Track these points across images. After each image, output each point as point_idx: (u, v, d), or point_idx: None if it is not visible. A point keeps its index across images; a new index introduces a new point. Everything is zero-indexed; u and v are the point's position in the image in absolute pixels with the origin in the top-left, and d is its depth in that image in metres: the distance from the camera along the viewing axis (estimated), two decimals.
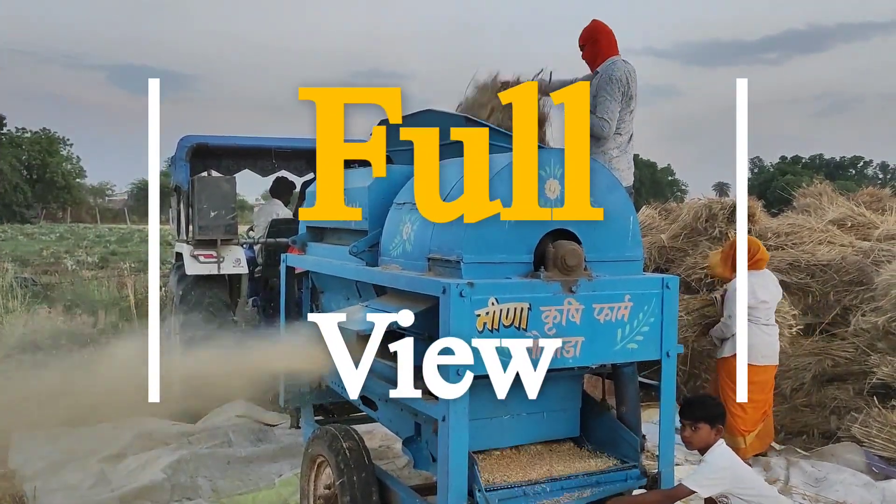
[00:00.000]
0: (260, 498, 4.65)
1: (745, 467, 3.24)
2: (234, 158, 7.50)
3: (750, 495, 3.11)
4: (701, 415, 3.28)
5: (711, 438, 3.22)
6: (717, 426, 3.22)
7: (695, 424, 3.28)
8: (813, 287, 6.30)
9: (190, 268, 6.24)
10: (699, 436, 3.25)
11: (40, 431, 5.54)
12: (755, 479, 3.21)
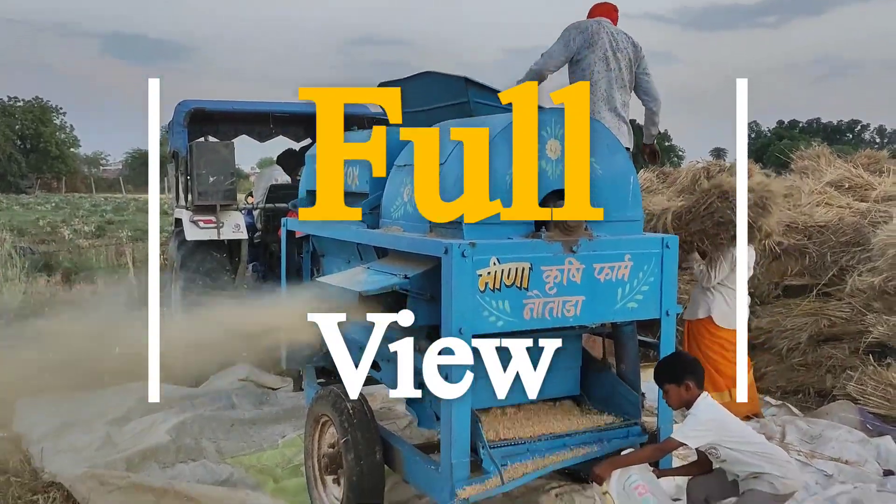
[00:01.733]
0: (264, 458, 4.71)
1: (731, 418, 3.29)
2: (232, 124, 7.48)
3: (738, 444, 3.15)
4: (663, 378, 3.33)
5: (685, 395, 3.25)
6: (683, 383, 3.25)
7: (663, 388, 3.33)
8: (810, 248, 6.32)
9: (189, 233, 6.24)
10: (672, 397, 3.30)
11: (43, 397, 5.58)
12: (743, 428, 3.26)
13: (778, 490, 3.13)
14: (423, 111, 4.23)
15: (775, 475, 3.12)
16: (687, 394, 3.25)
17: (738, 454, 3.16)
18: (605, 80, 5.24)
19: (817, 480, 4.42)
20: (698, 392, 3.25)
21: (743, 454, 3.15)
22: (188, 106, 6.65)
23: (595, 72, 5.31)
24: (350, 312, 3.84)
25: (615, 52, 5.26)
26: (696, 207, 5.14)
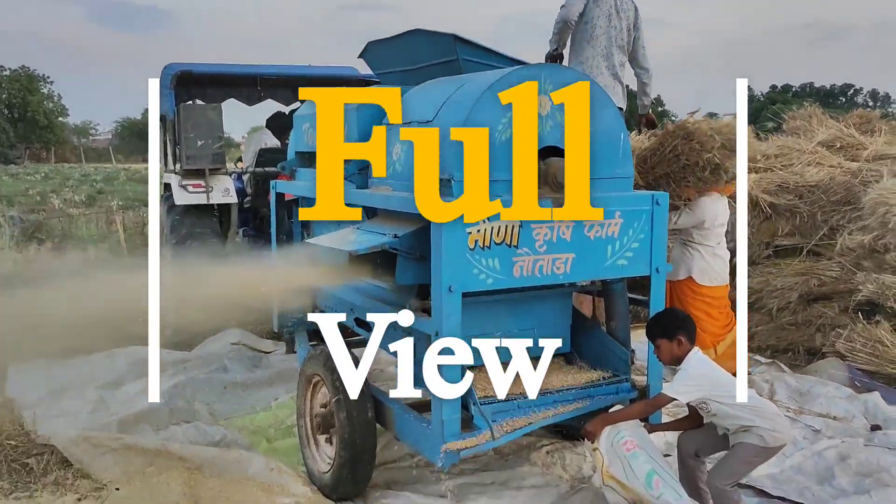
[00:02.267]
0: (257, 420, 4.73)
1: (721, 372, 3.30)
2: (220, 87, 7.41)
3: (728, 398, 3.18)
4: (655, 333, 3.34)
5: (676, 350, 3.26)
6: (675, 338, 3.26)
7: (654, 342, 3.34)
8: (801, 208, 6.34)
9: (179, 198, 6.20)
10: (662, 351, 3.31)
11: (35, 363, 5.58)
12: (733, 382, 3.28)
13: (767, 443, 3.16)
14: (411, 70, 4.20)
15: (765, 428, 3.15)
16: (678, 349, 3.26)
17: (727, 408, 3.18)
18: (606, 37, 5.25)
19: (805, 436, 4.47)
20: (689, 347, 3.26)
21: (732, 408, 3.18)
22: (175, 69, 6.57)
23: (597, 27, 5.37)
24: (340, 273, 3.85)
25: (618, 12, 5.31)
26: (662, 150, 5.04)
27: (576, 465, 4.04)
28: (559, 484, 3.82)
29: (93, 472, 3.89)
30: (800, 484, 3.89)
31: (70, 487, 3.78)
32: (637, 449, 3.15)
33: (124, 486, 3.73)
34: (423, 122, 3.41)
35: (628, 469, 3.08)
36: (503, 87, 3.16)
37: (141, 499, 3.61)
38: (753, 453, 3.19)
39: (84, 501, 3.64)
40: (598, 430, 3.25)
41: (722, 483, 3.18)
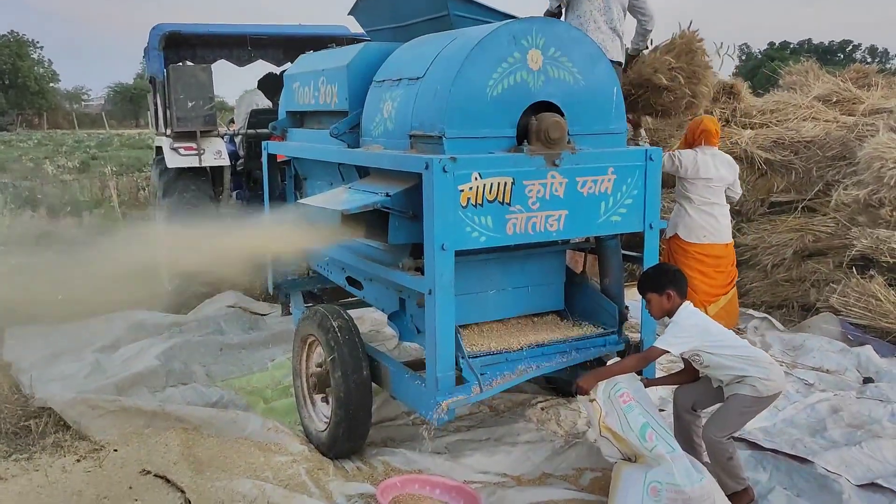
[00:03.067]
0: (254, 381, 4.76)
1: (712, 323, 3.31)
2: (209, 48, 7.31)
3: (720, 349, 3.19)
4: (645, 287, 3.35)
5: (666, 304, 3.27)
6: (665, 292, 3.26)
7: (645, 297, 3.35)
8: (796, 164, 6.31)
9: (170, 161, 6.15)
10: (653, 306, 3.32)
11: (32, 327, 5.60)
12: (724, 332, 3.28)
13: (761, 392, 3.18)
14: (402, 27, 4.14)
15: (758, 377, 3.17)
16: (668, 303, 3.27)
17: (720, 359, 3.20)
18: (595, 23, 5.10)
19: (798, 389, 4.51)
20: (680, 301, 3.27)
21: (725, 358, 3.19)
22: (163, 29, 6.46)
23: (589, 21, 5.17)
24: (334, 233, 3.83)
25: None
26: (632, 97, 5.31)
27: (570, 421, 4.08)
28: (553, 439, 3.86)
29: (91, 434, 3.92)
30: (792, 436, 3.93)
31: (69, 449, 3.81)
32: (632, 401, 3.17)
33: (122, 447, 3.76)
34: (413, 78, 3.37)
35: (623, 421, 3.10)
36: (493, 41, 3.12)
37: (139, 459, 3.63)
38: (748, 403, 3.21)
39: (83, 462, 3.66)
40: (590, 385, 3.26)
41: (717, 435, 3.21)
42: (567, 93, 3.30)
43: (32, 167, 19.19)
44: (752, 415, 3.30)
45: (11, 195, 11.28)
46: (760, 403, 3.24)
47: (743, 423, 3.33)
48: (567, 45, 3.28)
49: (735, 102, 6.92)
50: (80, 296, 5.31)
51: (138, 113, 48.75)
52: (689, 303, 3.31)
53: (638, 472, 3.04)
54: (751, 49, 69.22)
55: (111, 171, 16.16)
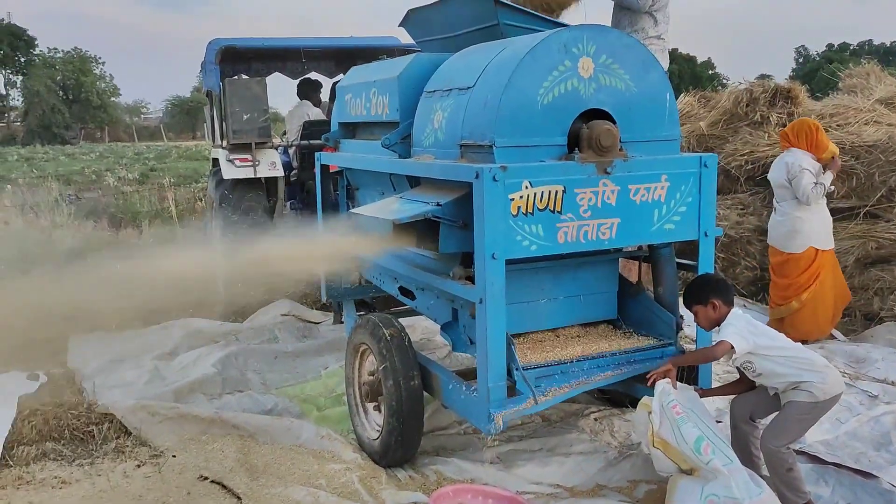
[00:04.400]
0: (307, 389, 4.82)
1: (764, 326, 3.25)
2: (264, 61, 7.48)
3: (773, 351, 3.10)
4: (690, 301, 3.29)
5: (713, 314, 3.22)
6: (709, 302, 3.21)
7: (692, 311, 3.29)
8: (857, 169, 6.12)
9: (226, 172, 6.29)
10: (701, 318, 3.28)
11: (94, 335, 5.76)
12: (777, 335, 3.21)
13: (817, 397, 3.09)
14: (452, 37, 4.16)
15: (814, 382, 3.08)
16: (715, 313, 3.21)
17: (773, 364, 3.12)
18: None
19: (861, 401, 4.37)
20: (727, 309, 3.20)
21: (778, 363, 3.11)
22: (219, 44, 6.62)
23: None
24: (385, 242, 3.87)
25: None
26: None
27: (624, 432, 4.02)
28: (607, 450, 3.82)
29: (151, 440, 4.01)
30: (855, 450, 3.81)
31: (130, 454, 3.91)
32: (685, 413, 3.11)
33: (181, 453, 3.84)
34: (463, 88, 3.38)
35: (677, 433, 3.04)
36: (544, 50, 3.11)
37: (197, 465, 3.71)
38: (806, 410, 3.12)
39: (143, 468, 3.76)
40: (661, 375, 3.21)
41: (775, 444, 3.13)
42: (619, 100, 3.27)
43: (95, 179, 19.81)
44: (810, 421, 3.20)
45: (75, 207, 11.65)
46: (818, 409, 3.14)
47: (802, 430, 3.24)
48: (619, 53, 3.25)
49: (792, 107, 6.78)
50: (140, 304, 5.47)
51: (195, 125, 49.95)
52: (738, 309, 3.24)
53: (695, 486, 2.98)
54: (808, 51, 67.74)
55: (169, 182, 16.59)
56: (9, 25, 57.90)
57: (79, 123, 56.08)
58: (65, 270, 6.68)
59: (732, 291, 3.31)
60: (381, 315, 3.91)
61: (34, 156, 32.56)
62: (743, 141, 6.75)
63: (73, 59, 58.94)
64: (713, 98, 7.76)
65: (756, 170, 6.58)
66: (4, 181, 18.87)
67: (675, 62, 5.34)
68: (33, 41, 58.94)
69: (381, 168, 4.02)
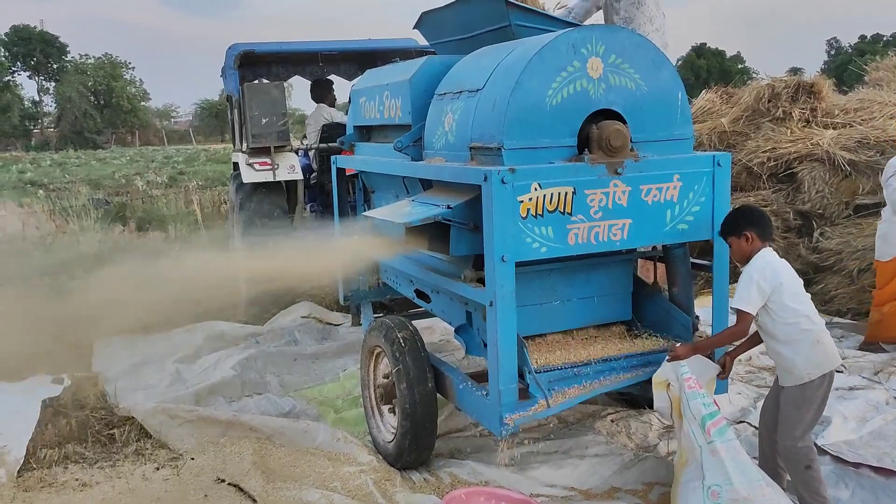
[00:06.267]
0: (325, 391, 4.85)
1: (787, 270, 3.08)
2: (283, 65, 7.53)
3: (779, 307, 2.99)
4: (726, 231, 3.19)
5: (746, 247, 3.10)
6: (742, 234, 3.10)
7: (728, 242, 3.21)
8: (883, 164, 6.01)
9: (246, 175, 6.35)
10: (734, 250, 3.16)
11: (119, 338, 5.85)
12: (795, 284, 3.06)
13: (802, 379, 3.01)
14: (465, 38, 4.15)
15: (796, 363, 3.00)
16: (748, 245, 3.10)
17: (772, 323, 3.04)
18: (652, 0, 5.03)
19: (888, 400, 4.31)
20: (760, 245, 3.10)
21: (777, 325, 3.03)
22: (238, 49, 6.69)
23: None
24: (398, 245, 3.88)
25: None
26: None
27: (641, 434, 3.99)
28: (623, 452, 3.79)
29: (169, 442, 4.07)
30: (879, 449, 3.75)
31: (149, 457, 3.97)
32: (696, 389, 3.06)
33: (199, 456, 3.89)
34: (473, 90, 3.37)
35: (686, 407, 3.02)
36: (552, 51, 3.10)
37: (214, 468, 3.75)
38: (796, 395, 3.05)
39: (162, 470, 3.81)
40: (686, 354, 3.16)
41: (788, 441, 3.06)
42: (629, 100, 3.25)
43: (124, 183, 20.12)
44: (809, 406, 3.06)
45: (104, 211, 11.82)
46: (810, 390, 3.03)
47: (804, 417, 3.08)
48: (628, 52, 3.22)
49: (815, 102, 6.67)
50: (164, 307, 5.55)
51: (223, 128, 50.45)
52: (770, 248, 3.13)
53: (696, 478, 2.94)
54: (840, 43, 66.59)
55: (196, 185, 16.79)
56: (41, 33, 59.02)
57: (110, 128, 56.99)
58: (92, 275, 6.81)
59: (770, 226, 3.19)
60: (395, 318, 3.93)
61: (67, 161, 33.17)
62: (765, 137, 6.67)
63: (104, 65, 59.93)
64: (735, 94, 7.66)
65: (778, 166, 6.50)
66: (37, 186, 19.27)
67: (703, 57, 5.25)
68: (65, 48, 60.13)
69: (394, 171, 4.03)
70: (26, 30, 58.63)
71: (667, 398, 3.14)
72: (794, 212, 6.43)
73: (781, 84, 6.81)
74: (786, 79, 6.93)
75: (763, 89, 6.93)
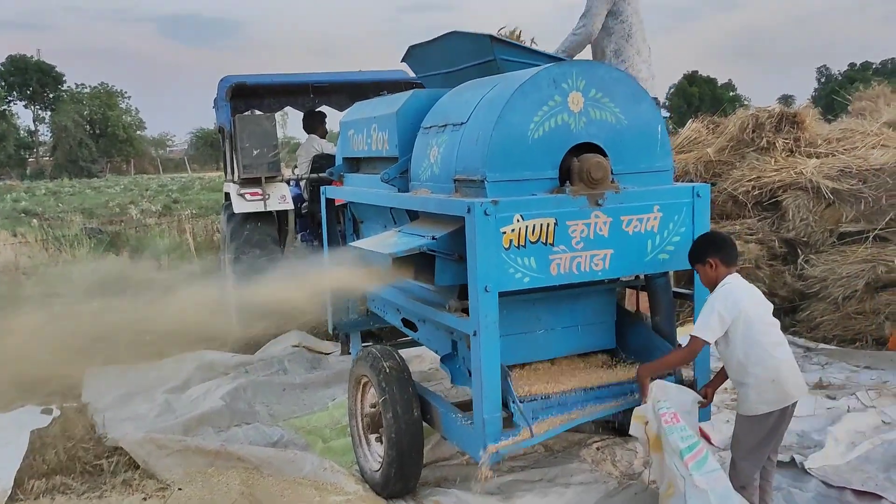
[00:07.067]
0: (314, 420, 4.86)
1: (750, 297, 3.10)
2: (275, 96, 7.63)
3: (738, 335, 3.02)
4: (691, 260, 3.26)
5: (711, 273, 3.17)
6: (706, 261, 3.17)
7: (696, 270, 3.27)
8: (865, 193, 6.11)
9: (237, 206, 6.41)
10: (701, 278, 3.24)
11: (110, 368, 5.85)
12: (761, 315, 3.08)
13: (750, 411, 3.05)
14: (451, 72, 4.24)
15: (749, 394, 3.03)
16: (713, 272, 3.17)
17: (729, 354, 3.08)
18: (640, 33, 5.14)
19: (877, 425, 4.35)
20: (726, 270, 3.16)
21: (733, 356, 3.06)
22: (230, 81, 6.79)
23: (633, 24, 5.25)
24: (385, 275, 3.93)
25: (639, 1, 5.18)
26: None
27: (626, 462, 4.02)
28: (607, 480, 3.81)
29: (157, 473, 4.07)
30: (865, 473, 3.78)
31: (137, 488, 3.97)
32: (675, 424, 3.09)
33: (186, 486, 3.89)
34: (457, 124, 3.45)
35: (665, 440, 3.06)
36: (533, 86, 3.17)
37: (202, 498, 3.76)
38: (742, 423, 3.11)
39: (149, 501, 3.81)
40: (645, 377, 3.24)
41: (733, 453, 3.15)
42: (610, 133, 3.32)
43: (118, 212, 20.15)
44: (756, 435, 3.08)
45: (97, 240, 11.84)
46: (755, 424, 3.06)
47: (749, 442, 3.11)
48: (608, 86, 3.31)
49: (799, 132, 6.79)
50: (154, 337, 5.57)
51: (218, 156, 50.69)
52: (737, 274, 3.18)
53: None
54: (830, 70, 67.32)
55: (191, 213, 16.84)
56: (38, 62, 59.38)
57: (105, 157, 57.12)
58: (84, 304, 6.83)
59: (733, 251, 3.24)
60: (382, 347, 3.96)
61: (61, 189, 33.21)
62: (750, 166, 6.77)
63: (100, 94, 60.27)
64: (721, 123, 7.78)
65: (763, 195, 6.59)
66: (31, 215, 19.29)
67: (695, 84, 5.37)
68: (61, 77, 60.48)
69: (381, 202, 4.09)
70: (23, 59, 59.04)
71: (643, 432, 3.18)
72: (779, 239, 6.51)
73: (765, 114, 6.93)
74: (769, 109, 7.06)
75: (747, 119, 7.05)
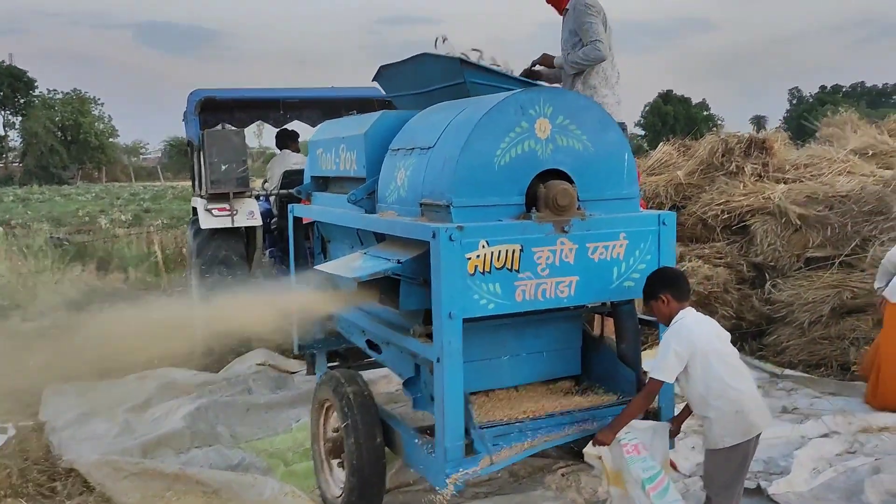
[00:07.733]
0: (276, 442, 4.78)
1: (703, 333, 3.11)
2: (246, 111, 7.57)
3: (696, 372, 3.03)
4: (645, 297, 3.27)
5: (664, 309, 3.19)
6: (658, 297, 3.18)
7: (650, 307, 3.27)
8: (831, 219, 6.18)
9: (204, 221, 6.32)
10: (656, 313, 3.25)
11: (70, 385, 5.73)
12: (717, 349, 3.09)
13: (713, 444, 3.06)
14: (421, 94, 4.22)
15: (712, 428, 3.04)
16: (666, 307, 3.18)
17: (689, 389, 3.09)
18: (610, 58, 5.10)
19: (839, 452, 4.37)
20: (678, 306, 3.17)
21: (693, 392, 3.07)
22: (199, 95, 6.71)
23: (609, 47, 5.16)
24: (350, 297, 3.88)
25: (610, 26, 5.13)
26: None
27: (590, 488, 3.99)
28: None
29: (114, 497, 3.98)
30: (827, 501, 3.80)
31: None
32: (637, 454, 3.08)
33: None
34: (425, 147, 3.42)
35: (627, 471, 3.04)
36: (500, 112, 3.16)
37: None
38: (708, 458, 3.13)
39: None
40: (608, 438, 3.20)
41: (710, 492, 3.15)
42: (576, 160, 3.31)
43: (87, 220, 19.82)
44: (722, 469, 3.10)
45: (62, 251, 11.64)
46: (723, 458, 3.07)
47: (717, 477, 3.14)
48: (575, 113, 3.30)
49: (767, 157, 6.86)
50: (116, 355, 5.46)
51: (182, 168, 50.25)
52: (692, 310, 3.19)
53: None
54: (801, 93, 68.46)
55: (161, 224, 16.60)
56: (9, 67, 58.57)
57: (76, 164, 56.36)
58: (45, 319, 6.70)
59: (685, 286, 3.26)
60: (345, 371, 3.91)
61: (30, 196, 32.66)
62: (719, 190, 6.82)
63: (72, 100, 59.46)
64: (692, 147, 7.85)
65: (732, 219, 6.64)
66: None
67: (669, 103, 5.38)
68: (33, 82, 59.65)
69: (348, 223, 4.05)
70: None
71: (600, 465, 3.17)
72: (747, 263, 6.56)
73: (734, 139, 7.00)
74: (738, 135, 7.13)
75: (717, 144, 7.12)
